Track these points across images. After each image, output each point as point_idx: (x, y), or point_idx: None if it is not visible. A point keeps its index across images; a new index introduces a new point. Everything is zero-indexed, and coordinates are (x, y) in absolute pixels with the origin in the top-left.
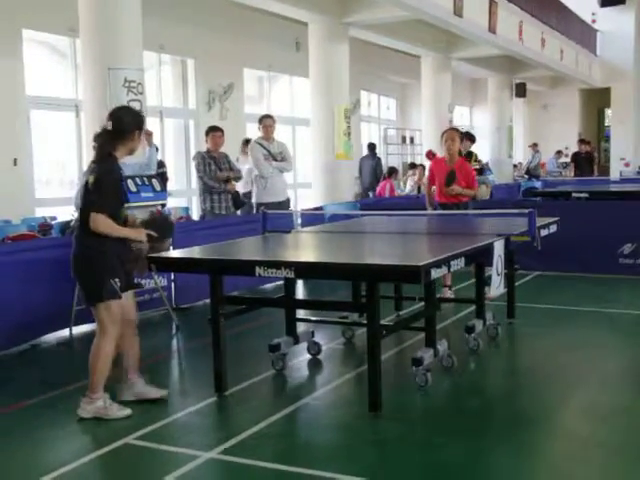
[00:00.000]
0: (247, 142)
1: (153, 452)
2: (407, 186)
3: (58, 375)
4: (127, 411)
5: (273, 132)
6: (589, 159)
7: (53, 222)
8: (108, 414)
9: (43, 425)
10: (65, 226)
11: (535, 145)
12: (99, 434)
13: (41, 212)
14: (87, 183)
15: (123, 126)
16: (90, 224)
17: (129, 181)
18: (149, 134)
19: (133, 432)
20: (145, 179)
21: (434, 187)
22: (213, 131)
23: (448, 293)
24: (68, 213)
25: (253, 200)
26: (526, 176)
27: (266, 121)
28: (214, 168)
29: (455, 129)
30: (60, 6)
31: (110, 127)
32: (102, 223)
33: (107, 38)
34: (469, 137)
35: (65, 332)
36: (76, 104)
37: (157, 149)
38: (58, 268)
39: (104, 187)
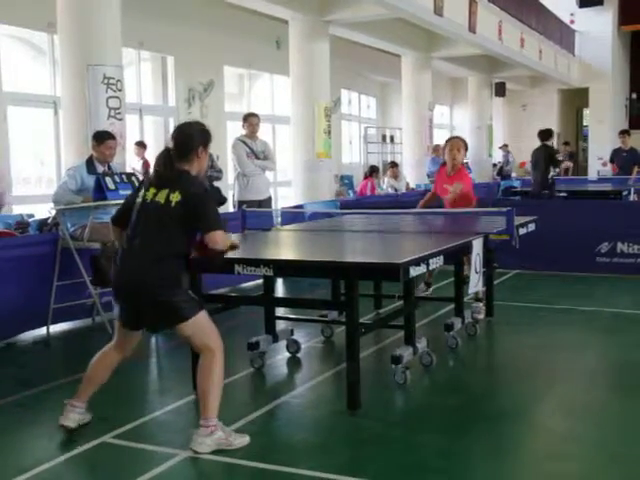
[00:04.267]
0: (139, 143)
1: (130, 451)
2: (387, 185)
3: (34, 374)
4: (247, 438)
5: (257, 131)
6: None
7: (30, 220)
8: (233, 444)
9: (19, 424)
10: (42, 224)
11: (506, 146)
12: (76, 433)
13: (18, 210)
14: (170, 201)
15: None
16: (209, 242)
17: (107, 179)
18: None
19: (110, 431)
20: (124, 176)
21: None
22: None
23: (422, 289)
24: (46, 211)
25: (235, 198)
26: (498, 177)
27: (252, 119)
28: None
29: (460, 138)
30: (38, 1)
31: (172, 144)
32: (221, 239)
33: (86, 34)
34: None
35: (42, 331)
36: (54, 101)
37: (143, 145)
38: (35, 266)
39: (207, 201)
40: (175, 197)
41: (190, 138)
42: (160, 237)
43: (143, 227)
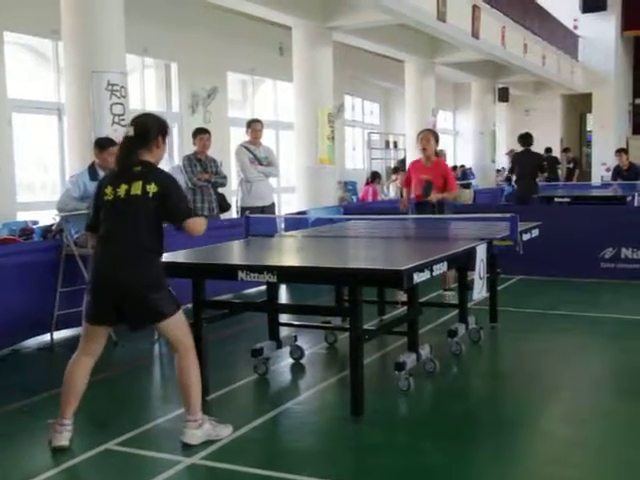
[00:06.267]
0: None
1: (134, 458)
2: (391, 190)
3: (39, 381)
4: (230, 428)
5: (261, 137)
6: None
7: (35, 226)
8: (219, 434)
9: (24, 431)
10: (47, 230)
11: (512, 151)
12: (80, 440)
13: (23, 216)
14: (147, 192)
15: (146, 132)
16: (189, 231)
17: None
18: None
19: (113, 438)
20: None
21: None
22: (200, 133)
23: (447, 296)
24: (50, 217)
25: (238, 204)
26: (504, 183)
27: (255, 125)
28: (199, 169)
29: (429, 130)
30: (43, 8)
31: (132, 133)
32: (200, 224)
33: (90, 41)
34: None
35: (46, 337)
36: (59, 107)
37: None
38: (39, 273)
39: (180, 190)
40: (152, 188)
41: (150, 127)
42: (139, 232)
43: (119, 224)
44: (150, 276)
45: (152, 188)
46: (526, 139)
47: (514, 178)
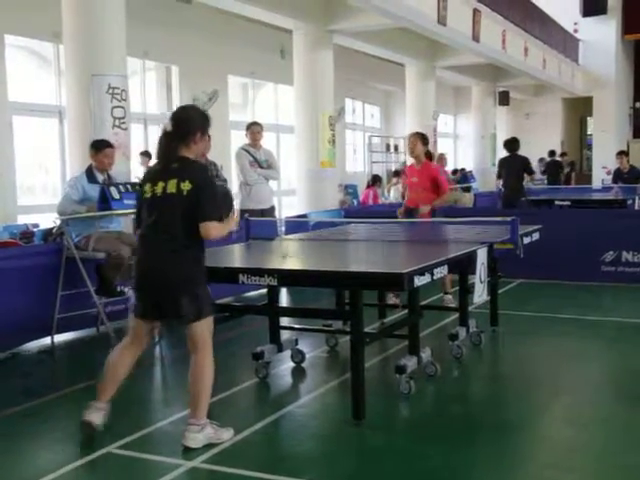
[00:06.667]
0: (144, 153)
1: (136, 461)
2: (392, 194)
3: (39, 384)
4: (231, 431)
5: (260, 139)
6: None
7: (35, 229)
8: (220, 438)
9: (24, 434)
10: (47, 233)
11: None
12: (81, 443)
13: (23, 219)
14: (182, 190)
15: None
16: (202, 232)
17: (112, 189)
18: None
19: (115, 441)
20: (129, 186)
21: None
22: None
23: (447, 300)
24: (50, 220)
25: (237, 207)
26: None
27: (254, 128)
28: None
29: (417, 132)
30: (44, 12)
31: (170, 128)
32: (216, 230)
33: (91, 44)
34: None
35: (46, 340)
36: (59, 110)
37: (149, 154)
38: (40, 276)
39: (211, 189)
40: (186, 186)
41: (187, 122)
42: (175, 231)
43: (156, 222)
44: (185, 275)
45: (186, 186)
46: (512, 144)
47: (501, 183)
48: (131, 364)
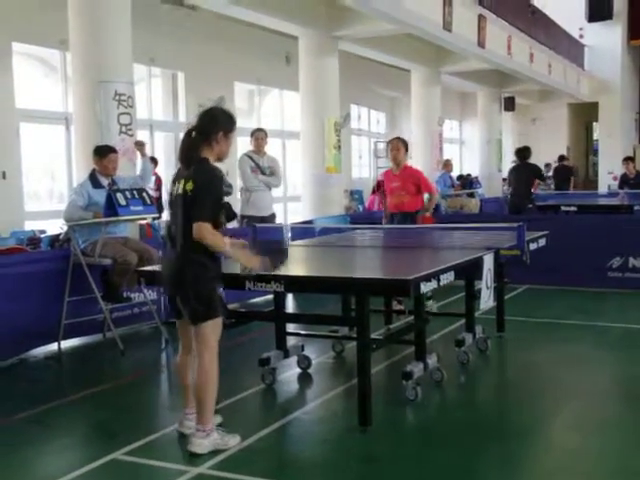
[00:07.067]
0: (151, 159)
1: (141, 467)
2: None
3: (46, 390)
4: (238, 438)
5: (264, 146)
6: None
7: (42, 235)
8: (227, 444)
9: (31, 440)
10: (54, 240)
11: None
12: (87, 450)
13: (30, 225)
14: (186, 191)
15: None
16: (194, 232)
17: (119, 195)
18: (141, 144)
19: (120, 447)
20: (135, 192)
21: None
22: None
23: (429, 305)
24: (57, 226)
25: (238, 212)
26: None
27: (258, 134)
28: None
29: (398, 138)
30: (51, 19)
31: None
32: (206, 231)
33: (97, 51)
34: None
35: (53, 346)
36: (66, 117)
37: (155, 160)
38: (47, 282)
39: (208, 190)
40: (189, 186)
41: (210, 122)
42: (185, 232)
43: (173, 224)
44: (191, 275)
45: (189, 186)
46: (523, 152)
47: (510, 190)
48: (190, 365)
